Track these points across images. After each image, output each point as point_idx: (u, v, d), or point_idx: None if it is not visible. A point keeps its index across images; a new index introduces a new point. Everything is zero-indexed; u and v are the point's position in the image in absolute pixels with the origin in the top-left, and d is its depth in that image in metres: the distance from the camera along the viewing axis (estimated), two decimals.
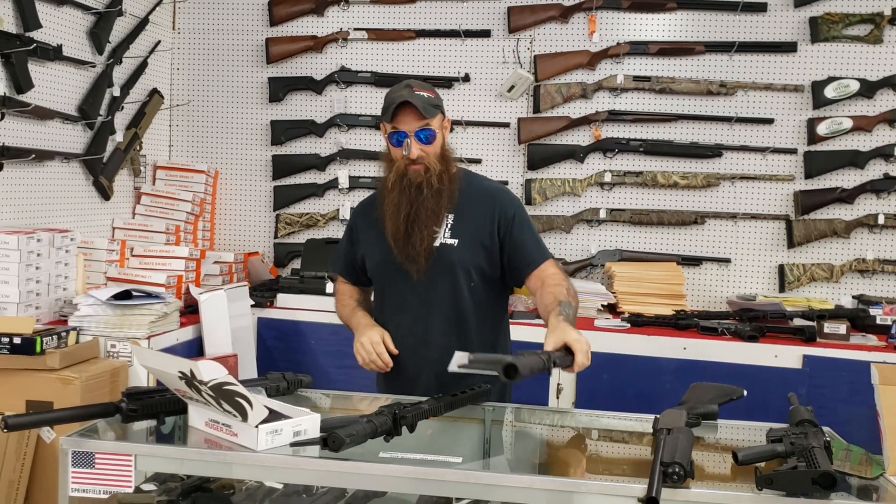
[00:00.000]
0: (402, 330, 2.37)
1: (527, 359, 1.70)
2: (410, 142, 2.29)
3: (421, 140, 2.29)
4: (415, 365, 2.36)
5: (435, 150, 2.33)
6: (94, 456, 1.65)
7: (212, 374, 1.58)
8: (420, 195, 2.30)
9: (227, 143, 4.55)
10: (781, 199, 4.13)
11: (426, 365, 2.34)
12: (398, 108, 2.28)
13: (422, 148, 2.29)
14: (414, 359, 2.36)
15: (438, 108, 2.34)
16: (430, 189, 2.30)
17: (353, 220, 2.56)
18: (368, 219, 2.45)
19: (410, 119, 2.29)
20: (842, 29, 3.97)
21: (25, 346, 2.73)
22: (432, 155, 2.32)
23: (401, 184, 2.32)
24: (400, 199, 2.31)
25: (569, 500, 1.53)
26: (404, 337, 2.36)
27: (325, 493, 1.90)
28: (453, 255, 2.33)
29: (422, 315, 2.36)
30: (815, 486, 1.45)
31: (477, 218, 2.36)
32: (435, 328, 2.35)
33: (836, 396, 3.24)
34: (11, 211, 3.32)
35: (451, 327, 2.35)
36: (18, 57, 3.22)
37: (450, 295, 2.35)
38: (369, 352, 2.30)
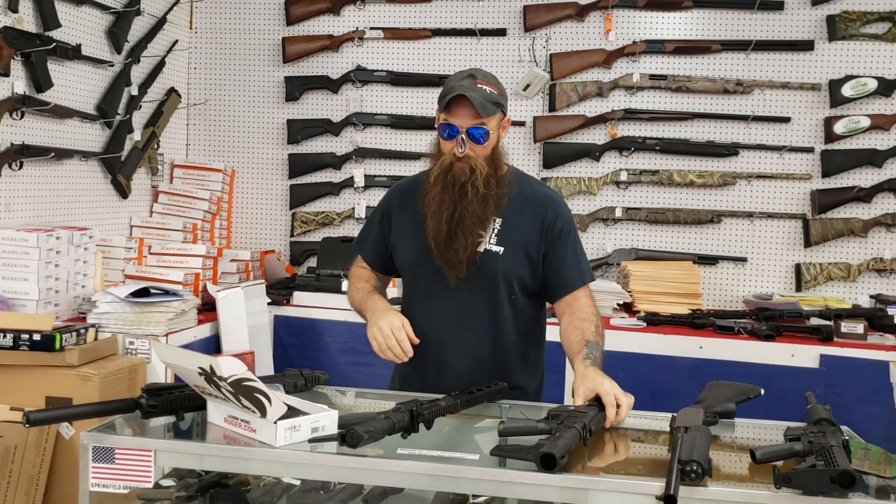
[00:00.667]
0: (431, 336, 2.23)
1: (563, 441, 1.57)
2: (464, 139, 2.16)
3: (473, 139, 2.16)
4: (438, 373, 2.24)
5: (486, 150, 2.19)
6: (114, 451, 1.66)
7: (231, 370, 1.59)
8: (465, 197, 2.17)
9: (243, 142, 4.57)
10: (798, 197, 4.11)
11: (453, 375, 2.23)
12: (454, 100, 2.15)
13: (472, 147, 2.17)
14: (439, 367, 2.24)
15: (499, 107, 2.19)
16: (475, 192, 2.17)
17: (388, 203, 2.38)
18: (406, 208, 2.31)
19: (465, 114, 2.15)
20: (859, 27, 3.95)
21: (45, 343, 2.75)
22: (481, 156, 2.18)
23: (444, 179, 2.19)
24: (443, 197, 2.18)
25: (586, 497, 1.53)
26: (433, 344, 2.23)
27: (342, 490, 1.91)
28: (497, 264, 2.21)
29: (455, 324, 2.23)
30: (834, 484, 1.45)
31: (524, 226, 2.24)
32: (468, 340, 2.24)
33: (853, 396, 3.22)
34: (31, 209, 3.35)
35: (486, 340, 2.24)
36: (38, 56, 3.25)
37: (489, 305, 2.23)
38: (388, 337, 2.11)
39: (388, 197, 2.41)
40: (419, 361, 2.21)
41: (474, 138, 2.16)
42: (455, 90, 2.14)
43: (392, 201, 2.38)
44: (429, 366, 2.25)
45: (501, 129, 2.25)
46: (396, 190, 2.41)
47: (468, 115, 2.15)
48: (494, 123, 2.19)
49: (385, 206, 2.39)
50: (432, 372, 2.25)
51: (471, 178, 2.17)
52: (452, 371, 2.24)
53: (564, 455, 1.53)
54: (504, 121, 2.25)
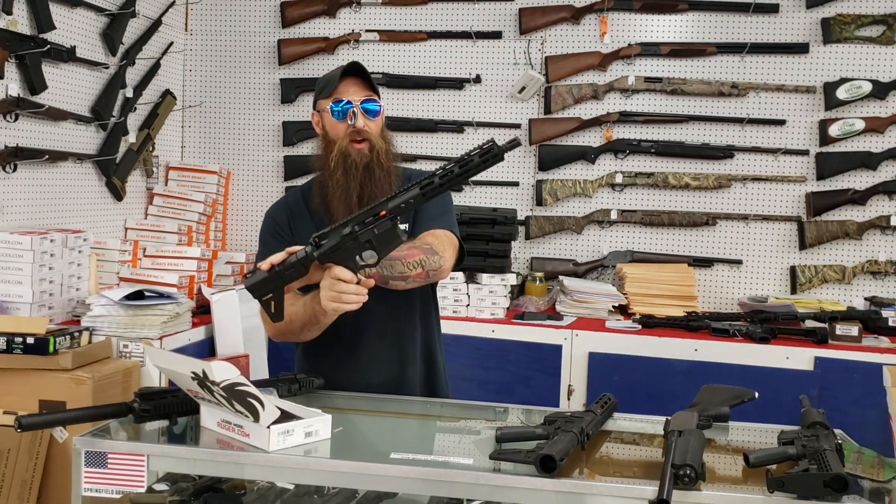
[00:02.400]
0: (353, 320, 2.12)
1: (562, 444, 1.57)
2: (357, 111, 2.10)
3: (367, 113, 2.12)
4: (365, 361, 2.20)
5: (378, 128, 2.15)
6: (106, 456, 1.66)
7: (224, 375, 1.59)
8: (371, 176, 2.11)
9: (239, 144, 4.57)
10: (793, 200, 4.12)
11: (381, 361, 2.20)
12: (343, 77, 2.12)
13: (367, 122, 2.11)
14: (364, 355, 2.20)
15: (378, 94, 2.18)
16: (381, 169, 2.12)
17: (274, 222, 2.25)
18: (300, 215, 2.22)
19: (355, 89, 2.12)
20: (854, 30, 3.96)
21: (38, 347, 2.75)
22: (377, 133, 2.14)
23: (344, 163, 2.11)
24: (347, 181, 2.11)
25: (579, 501, 1.53)
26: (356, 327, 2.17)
27: (336, 494, 1.90)
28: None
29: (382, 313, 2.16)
30: (827, 488, 1.45)
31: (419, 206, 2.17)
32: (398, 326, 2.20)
33: (847, 398, 3.23)
34: (25, 211, 3.35)
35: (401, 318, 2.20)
36: (32, 58, 3.25)
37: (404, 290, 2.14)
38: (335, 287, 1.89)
39: (272, 216, 2.27)
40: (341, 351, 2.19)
41: (369, 112, 2.12)
42: (343, 67, 2.12)
43: (279, 216, 2.26)
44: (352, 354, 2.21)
45: (383, 116, 2.20)
46: (276, 207, 2.29)
47: (359, 90, 2.12)
48: (380, 102, 2.16)
49: (275, 226, 2.25)
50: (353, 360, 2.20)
51: (372, 156, 2.12)
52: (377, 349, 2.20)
53: (563, 458, 1.54)
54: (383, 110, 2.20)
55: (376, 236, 1.84)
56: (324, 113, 2.17)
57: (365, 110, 2.12)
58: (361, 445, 1.87)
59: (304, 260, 1.89)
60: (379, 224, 1.84)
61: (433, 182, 1.80)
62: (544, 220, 4.22)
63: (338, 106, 2.12)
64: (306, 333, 2.12)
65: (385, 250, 1.86)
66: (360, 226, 1.85)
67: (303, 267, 1.90)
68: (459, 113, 4.31)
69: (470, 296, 3.78)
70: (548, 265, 4.21)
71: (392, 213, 1.84)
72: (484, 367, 3.57)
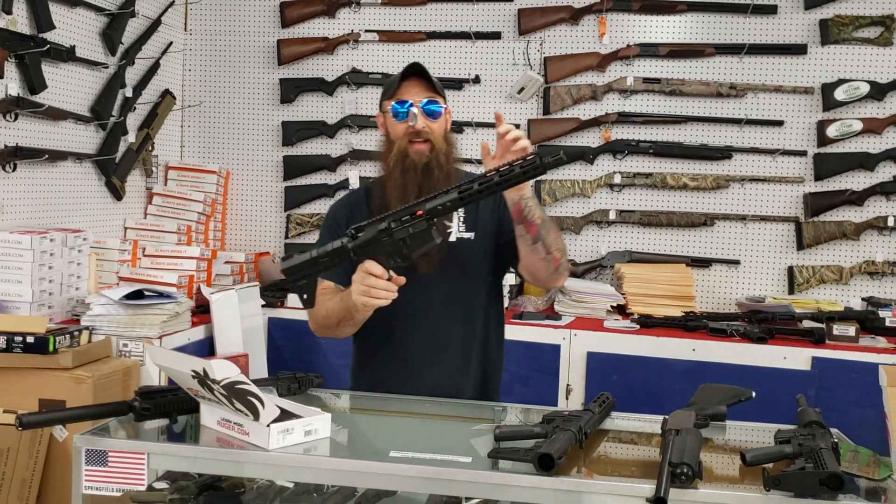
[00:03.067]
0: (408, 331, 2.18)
1: (560, 442, 1.58)
2: (416, 112, 2.11)
3: (428, 114, 2.12)
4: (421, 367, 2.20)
5: (440, 129, 2.15)
6: (107, 454, 1.67)
7: (224, 373, 1.60)
8: (429, 177, 2.10)
9: (238, 144, 4.57)
10: (791, 200, 4.13)
11: (438, 367, 2.19)
12: (404, 80, 2.13)
13: (427, 122, 2.12)
14: (421, 361, 2.19)
15: (443, 93, 2.19)
16: (440, 170, 2.11)
17: (335, 215, 2.28)
18: (359, 212, 2.21)
19: (417, 90, 2.13)
20: (852, 31, 3.97)
21: (38, 346, 2.75)
22: (438, 134, 2.13)
23: (403, 163, 2.11)
24: (405, 181, 2.10)
25: (577, 499, 1.53)
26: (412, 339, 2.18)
27: (335, 493, 1.91)
28: (471, 251, 2.17)
29: (435, 316, 2.17)
30: (823, 487, 1.46)
31: (484, 210, 2.20)
32: (450, 330, 2.19)
33: (844, 398, 3.24)
34: (25, 211, 3.35)
35: (466, 328, 2.20)
36: (32, 58, 3.25)
37: (471, 294, 2.19)
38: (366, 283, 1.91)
39: (333, 211, 2.31)
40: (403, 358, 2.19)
41: (430, 113, 2.13)
42: (405, 69, 2.13)
43: (339, 212, 2.28)
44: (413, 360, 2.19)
45: (447, 120, 2.21)
46: (339, 203, 2.32)
47: (420, 91, 2.14)
48: (442, 103, 2.17)
49: (331, 224, 2.26)
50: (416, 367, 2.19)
51: (432, 156, 2.12)
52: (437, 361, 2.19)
53: (562, 456, 1.55)
54: (447, 111, 2.21)
55: (411, 235, 1.87)
56: (386, 114, 2.19)
57: (426, 111, 2.13)
58: (361, 444, 1.88)
59: (338, 250, 1.92)
60: (415, 223, 1.86)
61: (472, 188, 1.82)
62: None
63: (399, 107, 2.14)
64: (342, 329, 2.14)
65: (419, 249, 1.88)
66: (396, 223, 1.88)
67: (337, 256, 1.92)
68: (458, 113, 4.32)
69: None
70: None
71: (429, 215, 1.86)
72: None
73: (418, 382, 2.19)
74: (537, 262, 2.10)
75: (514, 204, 2.02)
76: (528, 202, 2.02)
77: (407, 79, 2.16)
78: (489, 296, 2.25)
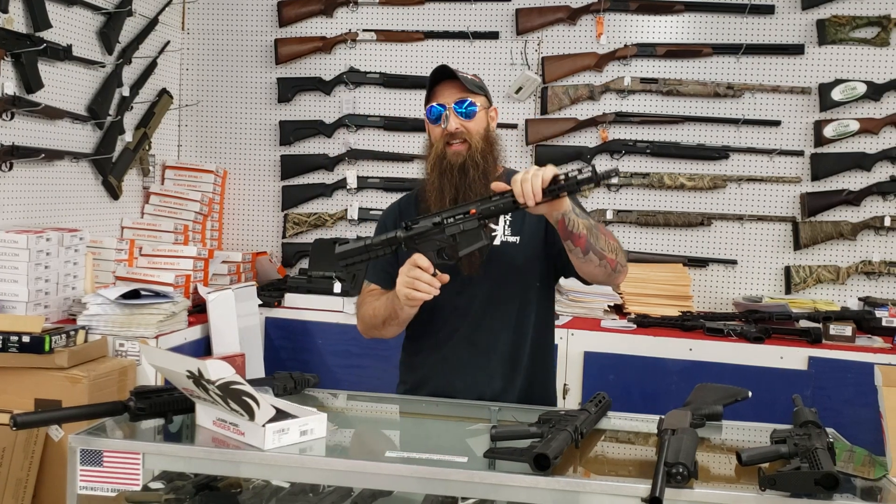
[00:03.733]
0: (451, 332, 2.17)
1: (556, 442, 1.58)
2: (449, 114, 2.12)
3: (461, 115, 2.12)
4: (463, 369, 2.17)
5: (478, 128, 2.14)
6: (102, 454, 1.66)
7: (219, 374, 1.59)
8: (465, 176, 2.10)
9: (235, 144, 4.57)
10: (788, 200, 4.13)
11: (480, 371, 2.16)
12: (437, 83, 2.15)
13: (462, 123, 2.12)
14: (462, 364, 2.17)
15: (483, 90, 2.19)
16: (476, 170, 2.10)
17: (388, 216, 2.31)
18: (405, 215, 2.22)
19: (450, 92, 2.14)
20: (849, 31, 3.97)
21: (34, 345, 2.75)
22: (475, 133, 2.13)
23: (440, 165, 2.12)
24: (441, 182, 2.11)
25: (574, 499, 1.53)
26: (454, 341, 2.17)
27: (331, 493, 1.91)
28: (517, 255, 2.15)
29: (477, 319, 2.14)
30: (818, 487, 1.46)
31: (531, 214, 2.07)
32: (494, 334, 2.16)
33: (840, 398, 3.24)
34: (21, 210, 3.35)
35: (510, 333, 2.17)
36: (28, 57, 3.25)
37: (514, 299, 2.16)
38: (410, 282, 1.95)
39: (388, 211, 2.35)
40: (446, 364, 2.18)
41: (462, 112, 2.13)
42: (437, 72, 2.16)
43: (391, 214, 2.31)
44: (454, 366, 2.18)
45: (490, 118, 2.21)
46: (395, 204, 2.36)
47: (453, 93, 2.15)
48: (481, 102, 2.17)
49: (384, 223, 2.30)
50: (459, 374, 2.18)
51: (468, 155, 2.12)
52: (483, 368, 2.17)
53: (557, 456, 1.55)
54: (491, 109, 2.22)
55: (462, 232, 1.93)
56: (426, 121, 2.21)
57: (460, 112, 2.14)
58: (356, 444, 1.88)
59: (391, 239, 1.99)
60: (467, 221, 1.93)
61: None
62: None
63: (431, 112, 2.17)
64: (388, 329, 2.17)
65: (466, 248, 1.94)
66: (449, 218, 1.94)
67: (389, 245, 1.99)
68: None
69: None
70: None
71: (480, 215, 1.92)
72: None
73: (459, 385, 2.17)
74: (592, 269, 2.08)
75: (558, 222, 1.99)
76: (570, 216, 1.98)
77: (440, 82, 2.17)
78: (536, 302, 2.21)
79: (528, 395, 2.21)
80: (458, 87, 2.15)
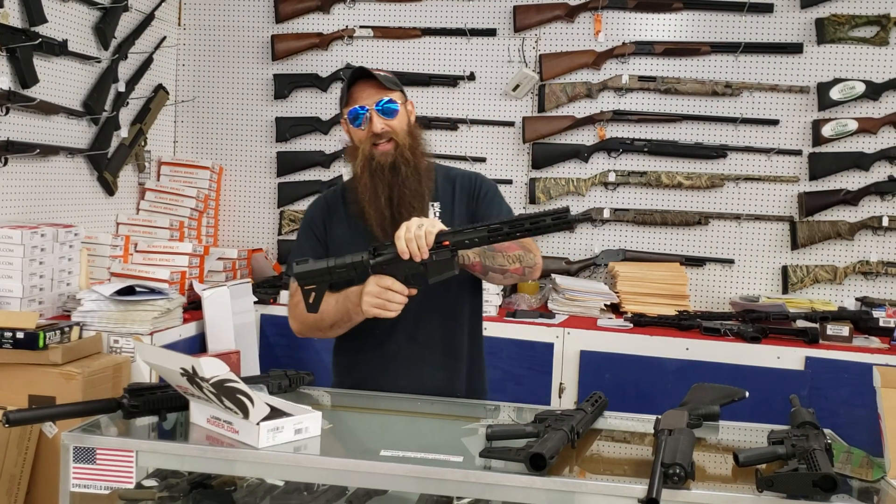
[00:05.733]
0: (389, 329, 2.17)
1: (552, 442, 1.58)
2: (371, 115, 2.11)
3: (384, 114, 2.12)
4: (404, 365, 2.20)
5: (402, 125, 2.15)
6: (95, 452, 1.66)
7: (213, 371, 1.58)
8: (397, 175, 2.11)
9: (231, 140, 4.55)
10: (785, 200, 4.12)
11: (427, 367, 2.20)
12: (354, 84, 2.14)
13: (386, 123, 2.12)
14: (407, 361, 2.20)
15: (399, 87, 2.18)
16: (407, 167, 2.12)
17: (313, 217, 2.29)
18: (336, 214, 2.24)
19: (368, 92, 2.13)
20: (848, 30, 3.97)
21: (28, 341, 2.73)
22: (400, 131, 2.14)
23: (370, 166, 2.11)
24: (374, 183, 2.11)
25: (569, 500, 1.53)
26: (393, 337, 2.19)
27: (325, 491, 1.90)
28: None
29: (414, 314, 2.10)
30: (816, 488, 1.45)
31: (460, 206, 2.20)
32: (435, 327, 2.20)
33: (838, 399, 3.24)
34: (15, 206, 3.33)
35: (447, 325, 2.21)
36: (24, 51, 3.23)
37: (448, 290, 2.14)
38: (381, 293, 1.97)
39: (311, 212, 2.32)
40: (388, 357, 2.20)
41: (385, 111, 2.13)
42: (353, 73, 2.15)
43: (317, 214, 2.29)
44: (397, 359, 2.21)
45: (409, 112, 2.22)
46: (317, 204, 2.33)
47: (371, 93, 2.14)
48: (400, 99, 2.18)
49: (311, 222, 2.29)
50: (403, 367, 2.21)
51: (397, 153, 2.13)
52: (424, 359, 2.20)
53: (553, 456, 1.54)
54: (408, 103, 2.22)
55: (433, 262, 1.94)
56: (346, 122, 2.19)
57: (381, 111, 2.13)
58: (351, 442, 1.87)
59: (357, 265, 1.97)
60: (439, 252, 1.93)
61: (502, 230, 1.89)
62: None
63: (353, 114, 2.15)
64: (335, 330, 2.18)
65: (437, 276, 1.95)
66: None
67: (354, 271, 1.98)
68: (453, 110, 4.31)
69: None
70: None
71: (454, 247, 1.93)
72: None
73: (403, 381, 2.20)
74: (500, 281, 2.18)
75: None
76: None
77: (357, 83, 2.16)
78: (468, 291, 2.26)
79: (469, 383, 2.26)
80: (375, 85, 2.15)
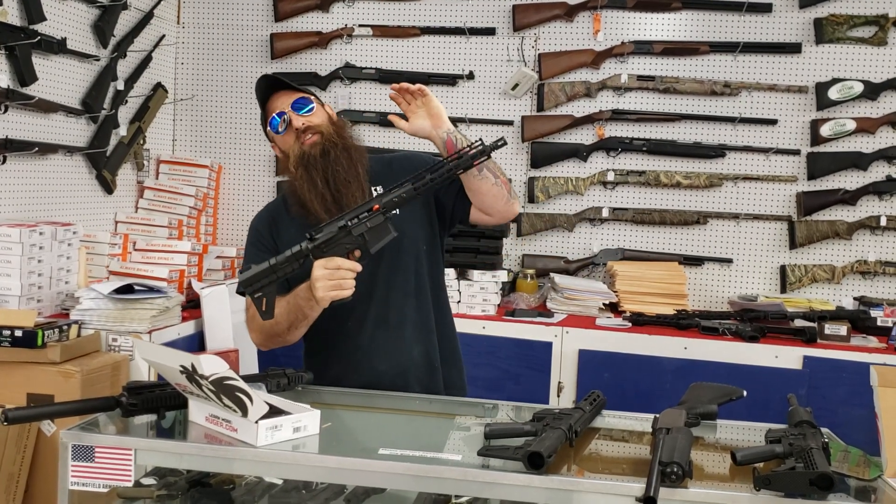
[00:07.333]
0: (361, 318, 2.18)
1: (550, 440, 1.57)
2: (290, 115, 2.18)
3: (300, 111, 2.19)
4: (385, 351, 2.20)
5: (322, 119, 2.21)
6: (94, 450, 1.65)
7: (213, 369, 1.58)
8: (328, 158, 2.15)
9: (230, 138, 4.55)
10: (784, 199, 4.13)
11: (402, 345, 2.20)
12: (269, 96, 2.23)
13: (305, 118, 2.18)
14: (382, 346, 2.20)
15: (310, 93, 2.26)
16: (335, 149, 2.16)
17: (256, 229, 2.29)
18: (281, 220, 2.26)
19: (283, 100, 2.21)
20: (846, 30, 3.97)
21: (27, 340, 2.73)
22: (321, 122, 2.20)
23: (304, 161, 2.16)
24: (310, 174, 2.14)
25: (567, 498, 1.53)
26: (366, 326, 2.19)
27: (324, 489, 1.90)
28: (401, 225, 2.08)
29: (383, 297, 2.16)
30: (813, 487, 1.45)
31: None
32: (401, 305, 2.20)
33: (835, 398, 3.24)
34: (14, 204, 3.33)
35: (415, 302, 2.21)
36: (22, 49, 3.22)
37: (409, 268, 2.19)
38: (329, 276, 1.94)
39: (255, 226, 2.31)
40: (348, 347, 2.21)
41: (300, 107, 2.20)
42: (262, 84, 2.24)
43: (261, 226, 2.29)
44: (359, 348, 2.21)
45: (328, 110, 2.27)
46: (259, 217, 2.33)
47: (285, 100, 2.21)
48: (315, 100, 2.23)
49: (256, 235, 2.29)
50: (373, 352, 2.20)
51: (324, 140, 2.18)
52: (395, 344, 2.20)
53: (551, 454, 1.54)
54: (326, 106, 2.28)
55: (369, 230, 1.94)
56: (272, 137, 2.27)
57: (297, 109, 2.20)
58: (350, 441, 1.87)
59: (297, 254, 1.96)
60: (372, 218, 1.93)
61: (425, 178, 1.93)
62: (536, 218, 4.22)
63: (273, 123, 2.22)
64: (293, 332, 2.15)
65: (377, 243, 1.95)
66: (353, 220, 1.94)
67: (296, 259, 1.96)
68: (452, 109, 4.31)
69: (461, 292, 3.78)
70: (539, 262, 4.21)
71: (385, 208, 1.94)
72: (474, 363, 3.56)
73: (381, 366, 2.20)
74: (490, 190, 2.15)
75: (445, 142, 2.14)
76: (456, 134, 2.14)
77: (270, 98, 2.24)
78: (427, 264, 2.26)
79: (444, 355, 2.28)
80: (286, 92, 2.23)
